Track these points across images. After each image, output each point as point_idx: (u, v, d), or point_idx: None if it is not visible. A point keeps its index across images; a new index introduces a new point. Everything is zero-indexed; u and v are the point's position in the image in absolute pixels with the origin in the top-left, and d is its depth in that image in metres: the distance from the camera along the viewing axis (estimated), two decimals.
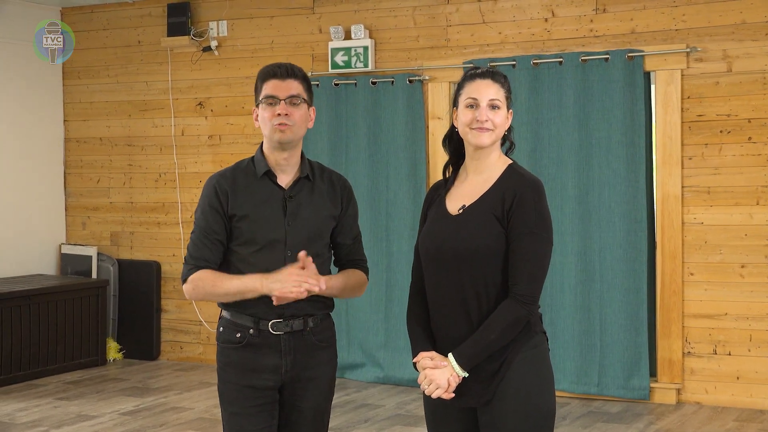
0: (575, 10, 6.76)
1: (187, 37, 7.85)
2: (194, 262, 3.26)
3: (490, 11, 7.00)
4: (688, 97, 6.50)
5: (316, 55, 7.53)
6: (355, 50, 7.30)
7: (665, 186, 6.56)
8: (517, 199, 3.00)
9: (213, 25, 7.87)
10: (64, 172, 8.57)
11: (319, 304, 3.30)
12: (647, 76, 6.58)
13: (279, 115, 3.22)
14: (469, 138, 3.09)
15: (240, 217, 3.25)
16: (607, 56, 6.56)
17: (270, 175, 3.29)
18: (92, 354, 7.94)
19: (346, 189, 3.40)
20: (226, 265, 3.30)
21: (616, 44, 6.65)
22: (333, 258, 3.45)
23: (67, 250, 8.42)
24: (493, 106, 3.07)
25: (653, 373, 6.67)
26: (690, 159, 6.51)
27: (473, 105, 3.08)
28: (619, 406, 6.52)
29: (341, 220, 3.37)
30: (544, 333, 3.11)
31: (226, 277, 3.22)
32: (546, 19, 6.85)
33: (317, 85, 7.35)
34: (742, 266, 6.40)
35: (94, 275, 8.22)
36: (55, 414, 6.48)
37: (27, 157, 8.27)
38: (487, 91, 3.08)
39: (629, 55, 6.51)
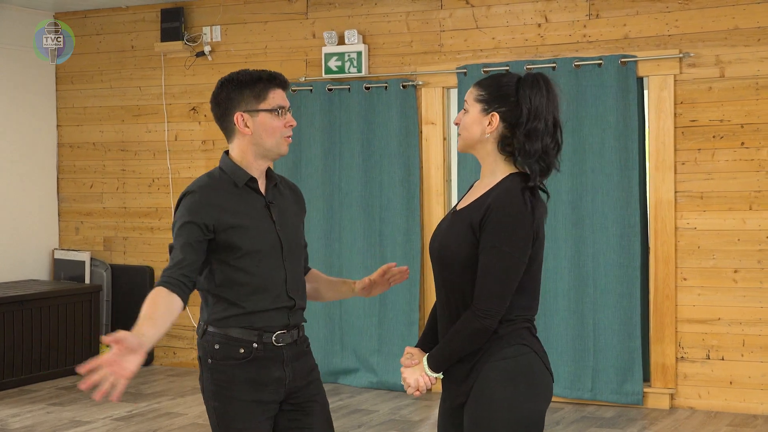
0: (568, 15, 6.77)
1: (180, 42, 7.85)
2: (166, 272, 3.07)
3: (484, 17, 7.01)
4: (681, 103, 6.51)
5: (310, 60, 7.53)
6: (349, 55, 7.30)
7: (658, 191, 6.57)
8: (490, 211, 2.93)
9: (206, 30, 7.87)
10: (58, 177, 8.56)
11: (304, 310, 3.34)
12: (640, 81, 6.60)
13: (290, 126, 3.19)
14: None
15: (232, 228, 3.12)
16: (601, 62, 6.57)
17: (252, 183, 3.20)
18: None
19: (302, 194, 3.43)
20: (229, 284, 3.15)
21: (609, 50, 6.66)
22: None
23: (60, 255, 8.41)
24: (464, 110, 3.06)
25: (646, 378, 6.67)
26: (683, 164, 6.52)
27: None
28: (613, 411, 6.52)
29: (303, 224, 3.39)
30: (526, 345, 2.96)
31: (150, 314, 3.02)
32: (539, 25, 6.86)
33: (311, 90, 7.36)
34: (735, 271, 6.41)
35: (87, 280, 8.21)
36: (48, 419, 6.46)
37: (20, 161, 8.25)
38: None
39: (622, 60, 6.53)
